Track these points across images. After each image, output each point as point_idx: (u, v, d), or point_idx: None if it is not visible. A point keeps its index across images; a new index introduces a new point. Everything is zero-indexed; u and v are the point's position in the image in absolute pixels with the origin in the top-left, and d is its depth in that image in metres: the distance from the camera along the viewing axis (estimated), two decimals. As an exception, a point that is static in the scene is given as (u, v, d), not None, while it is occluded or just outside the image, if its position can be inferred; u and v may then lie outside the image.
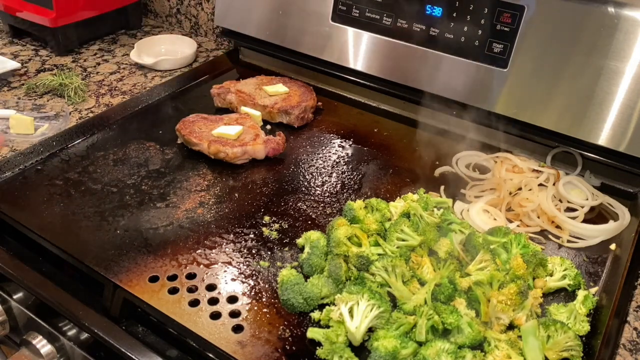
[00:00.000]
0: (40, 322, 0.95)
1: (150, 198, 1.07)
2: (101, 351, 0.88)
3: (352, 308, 0.80)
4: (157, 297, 0.86)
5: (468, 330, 0.78)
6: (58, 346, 0.93)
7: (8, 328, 1.02)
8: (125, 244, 0.96)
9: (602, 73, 1.10)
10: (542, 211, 1.08)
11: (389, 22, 1.31)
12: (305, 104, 1.33)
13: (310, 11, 1.42)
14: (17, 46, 1.65)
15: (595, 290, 0.93)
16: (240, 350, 0.79)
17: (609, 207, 1.13)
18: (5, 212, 1.00)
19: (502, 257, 0.91)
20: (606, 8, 1.07)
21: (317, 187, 1.13)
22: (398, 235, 0.93)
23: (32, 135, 1.22)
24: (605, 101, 1.11)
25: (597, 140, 1.14)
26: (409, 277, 0.88)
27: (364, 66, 1.39)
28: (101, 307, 0.88)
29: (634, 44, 1.06)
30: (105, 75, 1.51)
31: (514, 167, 1.19)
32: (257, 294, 0.88)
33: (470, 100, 1.26)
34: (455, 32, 1.23)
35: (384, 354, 0.74)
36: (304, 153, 1.24)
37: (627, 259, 0.97)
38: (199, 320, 0.83)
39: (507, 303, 0.82)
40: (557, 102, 1.16)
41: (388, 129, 1.34)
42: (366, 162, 1.22)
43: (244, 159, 1.18)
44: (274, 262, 0.95)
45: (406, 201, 1.05)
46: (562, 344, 0.79)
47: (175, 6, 1.81)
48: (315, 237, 0.94)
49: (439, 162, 1.23)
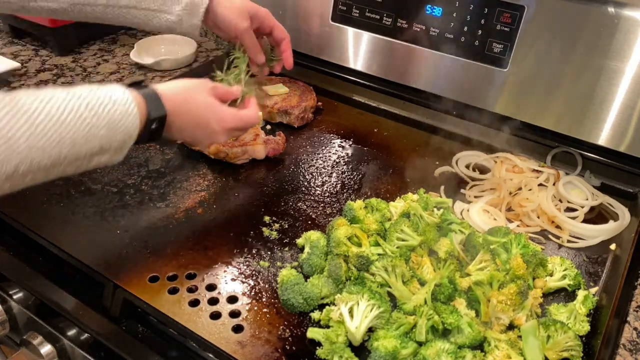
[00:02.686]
0: (40, 322, 0.95)
1: (150, 198, 1.07)
2: (101, 351, 0.88)
3: (352, 308, 0.80)
4: (157, 297, 0.86)
5: (468, 330, 0.78)
6: (58, 346, 0.93)
7: (8, 328, 1.02)
8: (125, 243, 0.96)
9: (602, 73, 1.10)
10: (542, 211, 1.08)
11: (389, 22, 1.31)
12: (305, 104, 1.33)
13: (310, 11, 1.42)
14: (17, 46, 1.65)
15: (595, 290, 0.93)
16: (240, 350, 0.79)
17: (609, 207, 1.13)
18: (5, 212, 1.00)
19: (502, 257, 0.91)
20: (606, 8, 1.07)
21: (317, 187, 1.13)
22: (398, 235, 0.93)
23: (32, 135, 1.22)
24: (605, 101, 1.11)
25: (597, 140, 1.14)
26: (409, 277, 0.88)
27: (364, 66, 1.39)
28: (101, 307, 0.88)
29: (634, 44, 1.06)
30: (105, 75, 1.51)
31: (514, 167, 1.19)
32: (257, 294, 0.88)
33: (470, 100, 1.26)
34: (455, 32, 1.23)
35: (384, 354, 0.74)
36: (304, 153, 1.24)
37: (627, 259, 0.97)
38: (199, 320, 0.83)
39: (507, 303, 0.82)
40: (557, 102, 1.16)
41: (388, 129, 1.34)
42: (366, 162, 1.22)
43: (244, 159, 1.18)
44: (274, 262, 0.95)
45: (406, 201, 1.05)
46: (562, 344, 0.79)
47: (175, 6, 1.81)
48: (315, 237, 0.94)
49: (439, 162, 1.23)
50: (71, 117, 0.71)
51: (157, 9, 1.08)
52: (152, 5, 1.07)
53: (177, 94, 0.87)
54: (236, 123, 0.95)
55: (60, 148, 0.71)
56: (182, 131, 0.89)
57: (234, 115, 0.95)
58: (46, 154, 0.69)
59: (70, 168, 0.75)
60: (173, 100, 0.85)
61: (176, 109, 0.86)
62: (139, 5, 1.07)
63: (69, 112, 0.71)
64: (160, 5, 1.08)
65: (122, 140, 0.78)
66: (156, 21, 1.09)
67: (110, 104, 0.75)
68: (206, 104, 0.91)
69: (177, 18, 1.09)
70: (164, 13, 1.09)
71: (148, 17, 1.09)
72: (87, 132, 0.73)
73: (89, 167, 0.78)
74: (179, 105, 0.86)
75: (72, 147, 0.72)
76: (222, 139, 0.96)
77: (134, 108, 0.78)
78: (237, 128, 0.96)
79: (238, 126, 0.96)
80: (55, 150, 0.70)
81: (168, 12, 1.08)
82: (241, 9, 1.10)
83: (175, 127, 0.87)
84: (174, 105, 0.85)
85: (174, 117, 0.85)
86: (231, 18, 1.10)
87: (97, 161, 0.78)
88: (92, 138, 0.74)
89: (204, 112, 0.91)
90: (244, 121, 0.96)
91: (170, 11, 1.08)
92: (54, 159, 0.71)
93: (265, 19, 1.15)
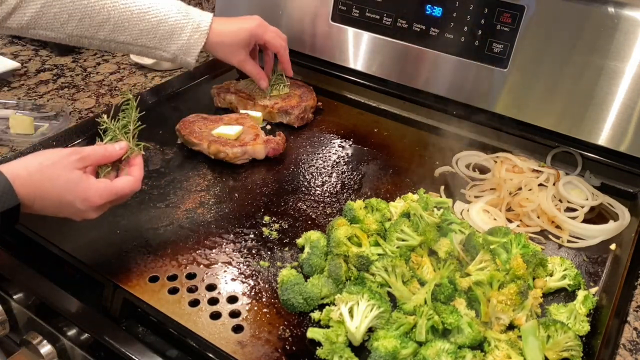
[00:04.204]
0: (40, 322, 0.95)
1: (150, 198, 1.07)
2: (101, 351, 0.88)
3: (352, 308, 0.80)
4: (157, 297, 0.86)
5: (468, 330, 0.78)
6: (58, 346, 0.93)
7: (8, 328, 1.02)
8: (125, 244, 0.96)
9: (602, 73, 1.10)
10: (542, 211, 1.08)
11: (389, 22, 1.31)
12: (305, 104, 1.33)
13: (310, 11, 1.42)
14: (17, 46, 1.65)
15: (595, 290, 0.93)
16: (240, 350, 0.79)
17: (609, 207, 1.13)
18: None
19: (502, 257, 0.91)
20: (606, 8, 1.07)
21: (317, 187, 1.13)
22: (398, 235, 0.93)
23: (32, 135, 1.22)
24: (605, 101, 1.11)
25: (597, 140, 1.14)
26: (409, 277, 0.88)
27: (364, 66, 1.39)
28: (101, 307, 0.88)
29: (634, 44, 1.06)
30: (105, 75, 1.51)
31: (514, 167, 1.19)
32: (257, 294, 0.88)
33: (470, 100, 1.26)
34: (455, 32, 1.23)
35: (384, 354, 0.74)
36: (304, 153, 1.24)
37: (627, 259, 0.97)
38: (199, 320, 0.83)
39: (507, 303, 0.82)
40: (557, 102, 1.16)
41: (388, 129, 1.34)
42: (366, 162, 1.22)
43: (244, 159, 1.18)
44: (274, 262, 0.95)
45: (406, 201, 1.05)
46: (562, 344, 0.79)
47: (175, 6, 1.81)
48: (315, 237, 0.94)
49: (439, 162, 1.23)
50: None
51: (153, 47, 1.12)
52: (148, 44, 1.11)
53: (31, 174, 0.77)
54: (108, 197, 0.82)
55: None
56: (44, 211, 0.80)
57: (104, 189, 0.82)
58: None
59: None
60: (27, 185, 0.76)
61: (30, 194, 0.76)
62: (135, 43, 1.10)
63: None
64: (157, 44, 1.11)
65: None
66: (152, 56, 1.15)
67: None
68: (67, 182, 0.79)
69: (172, 56, 1.14)
70: (160, 50, 1.13)
71: (144, 53, 1.14)
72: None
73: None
74: (35, 188, 0.77)
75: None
76: (94, 216, 0.84)
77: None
78: (111, 202, 0.84)
79: (111, 199, 0.83)
80: None
81: (164, 50, 1.12)
82: (235, 41, 1.15)
83: (35, 209, 0.78)
84: (28, 190, 0.76)
85: (31, 203, 0.77)
86: (226, 54, 1.18)
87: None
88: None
89: (65, 194, 0.79)
90: (119, 194, 0.83)
91: (166, 49, 1.12)
92: None
93: (259, 37, 1.21)
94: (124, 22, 1.08)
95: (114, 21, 1.07)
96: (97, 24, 1.07)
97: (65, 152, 0.81)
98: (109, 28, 1.07)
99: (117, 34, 1.09)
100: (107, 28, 1.07)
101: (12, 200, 0.74)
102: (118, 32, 1.09)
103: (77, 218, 0.84)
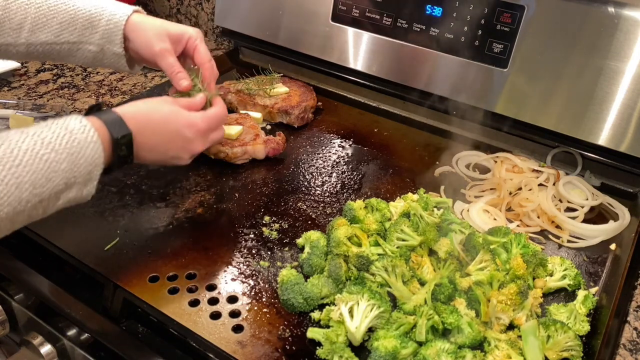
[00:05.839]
0: (40, 322, 0.95)
1: (150, 198, 1.07)
2: (101, 351, 0.88)
3: (352, 308, 0.80)
4: (157, 297, 0.86)
5: (468, 330, 0.78)
6: (58, 346, 0.93)
7: (8, 328, 1.02)
8: (125, 244, 0.96)
9: (602, 73, 1.10)
10: (542, 211, 1.08)
11: (389, 22, 1.31)
12: (305, 104, 1.33)
13: (310, 11, 1.42)
14: (17, 46, 1.64)
15: (595, 290, 0.93)
16: (240, 350, 0.79)
17: (609, 207, 1.13)
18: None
19: (502, 257, 0.91)
20: (606, 8, 1.07)
21: (317, 187, 1.13)
22: (398, 235, 0.93)
23: (32, 135, 1.22)
24: (605, 101, 1.11)
25: (597, 140, 1.14)
26: (409, 277, 0.88)
27: (364, 66, 1.39)
28: (101, 307, 0.88)
29: (634, 44, 1.06)
30: (105, 75, 1.51)
31: (514, 167, 1.19)
32: (257, 294, 0.88)
33: (470, 100, 1.26)
34: (455, 32, 1.23)
35: (384, 354, 0.74)
36: (304, 153, 1.24)
37: (627, 259, 0.97)
38: (199, 320, 0.83)
39: (507, 303, 0.82)
40: (557, 102, 1.16)
41: (388, 129, 1.34)
42: (366, 162, 1.22)
43: (244, 159, 1.18)
44: (274, 262, 0.95)
45: (406, 201, 1.05)
46: (562, 344, 0.79)
47: (175, 6, 1.81)
48: (315, 237, 0.94)
49: (439, 162, 1.23)
50: (27, 157, 0.68)
51: (76, 41, 1.05)
52: (70, 38, 1.04)
53: (137, 111, 0.84)
54: (208, 123, 0.90)
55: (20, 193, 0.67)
56: (155, 150, 0.85)
57: (203, 116, 0.90)
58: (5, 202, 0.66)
59: (36, 212, 0.71)
60: (135, 118, 0.81)
61: (140, 127, 0.82)
62: (58, 40, 1.04)
63: (23, 153, 0.68)
64: (79, 36, 1.05)
65: (87, 171, 0.74)
66: (80, 54, 1.06)
67: (67, 135, 0.72)
68: (171, 112, 0.87)
69: (98, 48, 1.06)
70: (85, 44, 1.06)
71: (71, 51, 1.06)
72: (46, 169, 0.69)
73: (58, 206, 0.75)
74: (143, 122, 0.83)
75: (32, 189, 0.68)
76: (200, 147, 0.91)
77: (93, 134, 0.75)
78: (211, 128, 0.92)
79: (211, 126, 0.91)
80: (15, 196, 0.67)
81: (88, 42, 1.05)
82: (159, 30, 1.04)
83: (146, 147, 0.83)
84: (137, 123, 0.81)
85: (140, 137, 0.82)
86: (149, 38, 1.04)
87: (66, 198, 0.74)
88: (54, 175, 0.70)
89: (172, 122, 0.87)
90: (216, 118, 0.92)
91: (90, 41, 1.05)
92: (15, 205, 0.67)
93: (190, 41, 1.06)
94: (41, 17, 1.03)
95: (31, 19, 1.02)
96: (16, 26, 1.02)
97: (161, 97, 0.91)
98: (28, 27, 1.02)
99: (38, 32, 1.03)
100: (27, 27, 1.02)
101: (124, 129, 0.80)
102: (38, 31, 1.03)
103: (185, 154, 0.91)
